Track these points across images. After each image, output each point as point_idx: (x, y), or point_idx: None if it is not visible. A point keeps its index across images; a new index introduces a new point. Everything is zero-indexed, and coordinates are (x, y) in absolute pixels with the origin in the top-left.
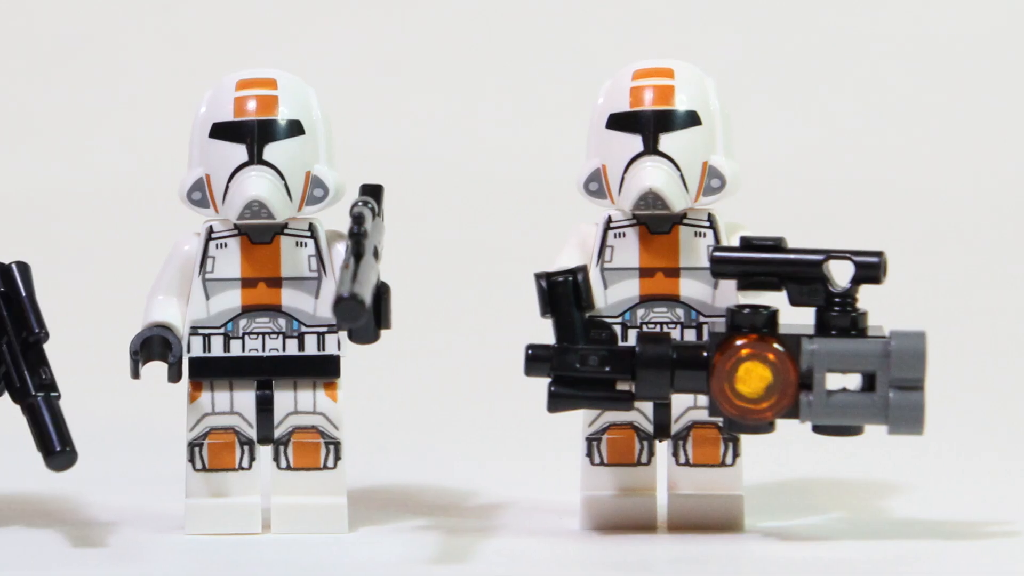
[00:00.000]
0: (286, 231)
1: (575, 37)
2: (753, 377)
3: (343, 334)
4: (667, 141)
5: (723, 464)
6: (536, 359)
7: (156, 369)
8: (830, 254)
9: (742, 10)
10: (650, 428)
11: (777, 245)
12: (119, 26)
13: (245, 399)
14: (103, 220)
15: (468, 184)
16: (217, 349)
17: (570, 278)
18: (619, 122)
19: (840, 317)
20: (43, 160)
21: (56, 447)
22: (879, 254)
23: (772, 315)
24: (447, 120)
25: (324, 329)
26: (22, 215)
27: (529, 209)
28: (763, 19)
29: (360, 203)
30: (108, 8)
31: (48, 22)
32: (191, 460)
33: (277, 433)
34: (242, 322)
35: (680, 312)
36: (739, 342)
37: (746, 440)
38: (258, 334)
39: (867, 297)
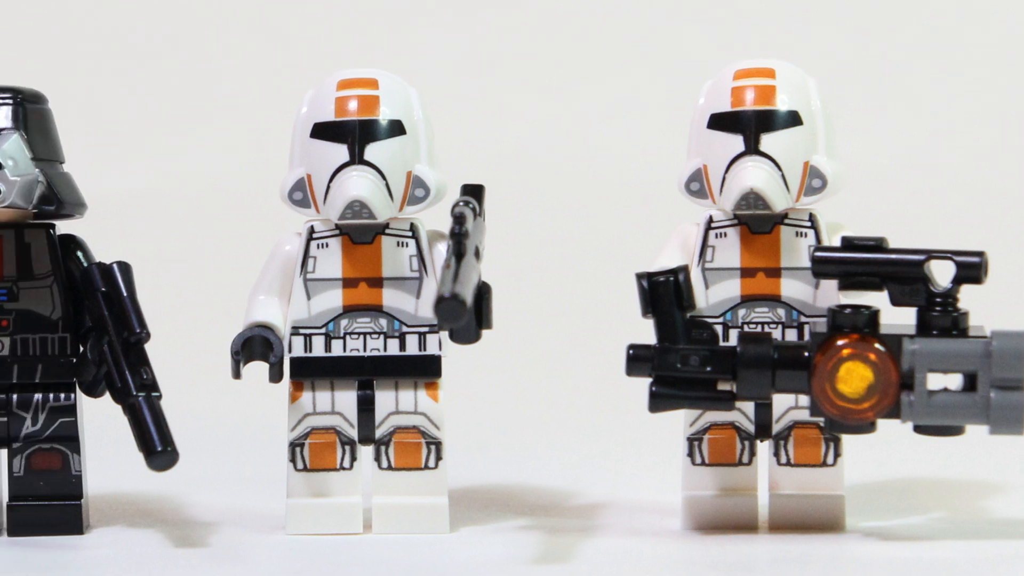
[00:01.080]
0: (387, 231)
1: (677, 37)
2: (854, 377)
3: (444, 334)
4: (768, 141)
5: (824, 464)
6: (637, 359)
7: (257, 369)
8: (931, 254)
9: (844, 9)
10: (751, 428)
11: (878, 245)
12: (220, 26)
13: (346, 399)
14: (205, 220)
15: (570, 184)
16: (318, 349)
17: (671, 278)
18: (720, 122)
19: (941, 317)
20: (145, 160)
21: (157, 447)
22: (980, 254)
23: (873, 315)
24: (549, 120)
25: (425, 329)
26: (124, 215)
27: (630, 209)
28: (865, 18)
29: (461, 203)
30: (209, 7)
31: (150, 22)
32: (292, 460)
33: (378, 433)
34: (343, 322)
35: (781, 312)
36: (840, 342)
37: (847, 440)
38: (359, 334)
39: (968, 297)
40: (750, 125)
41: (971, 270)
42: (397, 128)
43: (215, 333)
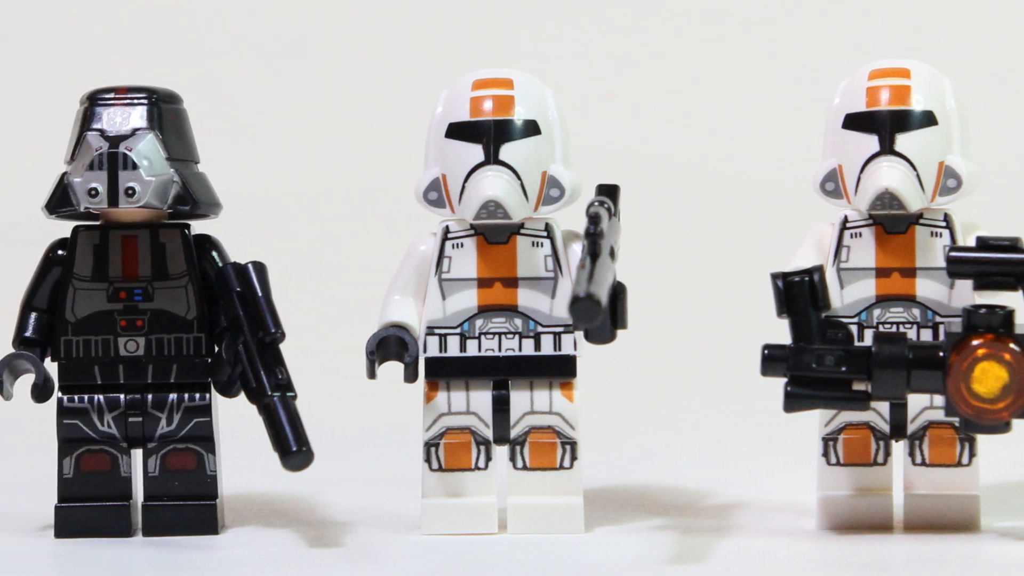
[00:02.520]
0: (522, 231)
1: (812, 36)
2: (989, 377)
3: (579, 334)
4: (903, 141)
5: (959, 464)
6: (772, 359)
7: (392, 369)
8: None
9: (976, 9)
10: (886, 428)
11: (1014, 245)
12: (356, 25)
13: (481, 399)
14: (340, 220)
15: (704, 184)
16: (453, 349)
17: (806, 278)
18: (855, 122)
19: None
20: (281, 160)
21: (292, 447)
22: None
23: (1008, 315)
24: (684, 119)
25: (560, 329)
26: (259, 215)
27: (765, 209)
28: (997, 17)
29: (596, 203)
30: (343, 7)
31: (285, 22)
32: (427, 460)
33: (513, 433)
34: (478, 322)
35: (916, 312)
36: (975, 342)
37: (982, 440)
38: (494, 334)
39: None
40: (885, 125)
41: None
42: (532, 128)
43: (350, 333)
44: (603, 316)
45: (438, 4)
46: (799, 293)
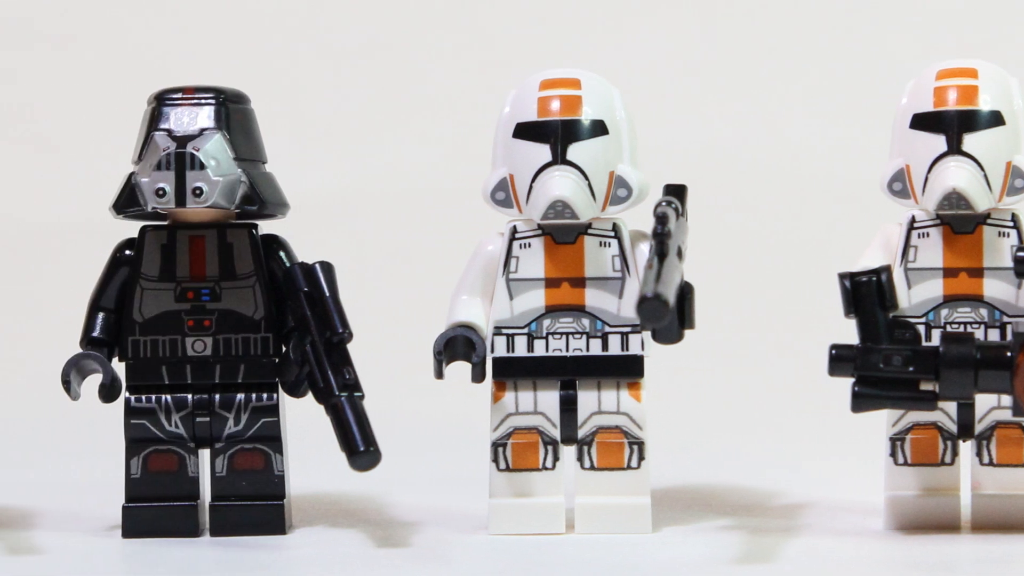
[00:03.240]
0: (590, 231)
1: (880, 35)
2: None
3: (647, 334)
4: (971, 141)
5: None
6: (840, 359)
7: (460, 369)
8: None
9: None
10: (954, 428)
11: None
12: (423, 25)
13: (549, 399)
14: (407, 220)
15: (772, 183)
16: (521, 349)
17: (874, 278)
18: (923, 122)
19: None
20: (348, 159)
21: (360, 447)
22: None
23: None
24: (751, 119)
25: (628, 329)
26: (326, 215)
27: (833, 208)
28: None
29: (664, 203)
30: (412, 7)
31: (353, 22)
32: (495, 460)
33: (581, 433)
34: (546, 322)
35: (984, 312)
36: None
37: None
38: (562, 334)
39: None
40: (952, 125)
41: None
42: (599, 128)
43: (418, 333)
44: (670, 316)
45: (507, 4)
46: (867, 293)
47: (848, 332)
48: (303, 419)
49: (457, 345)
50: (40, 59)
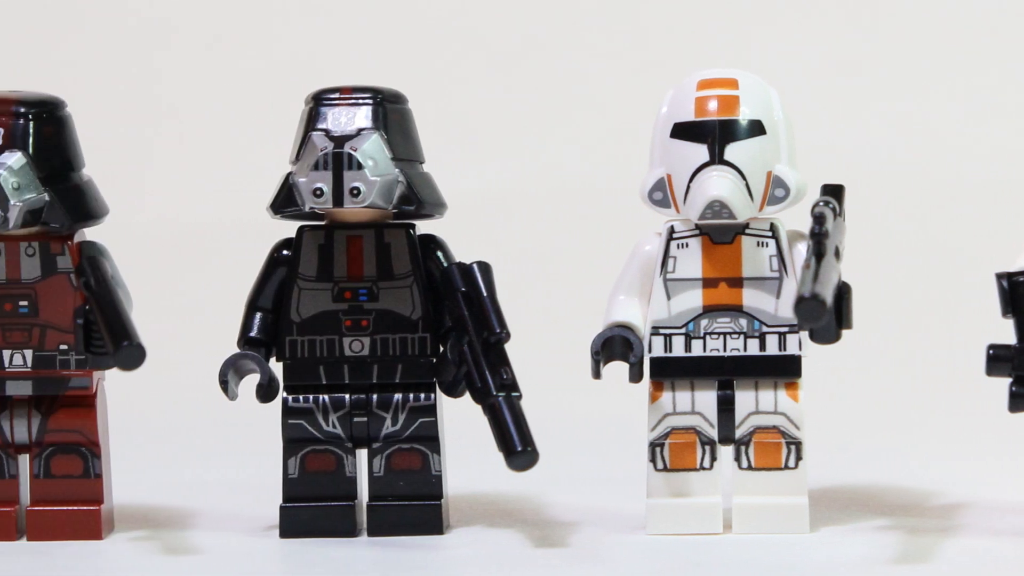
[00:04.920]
0: (747, 231)
1: None
2: None
3: (804, 334)
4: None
5: None
6: (997, 359)
7: (617, 369)
8: None
9: None
10: None
11: None
12: (581, 25)
13: (706, 399)
14: (563, 219)
15: (929, 183)
16: (678, 349)
17: None
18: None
19: None
20: (505, 159)
21: (517, 447)
22: None
23: None
24: (909, 119)
25: (785, 329)
26: (484, 215)
27: (991, 209)
28: None
29: (821, 203)
30: (570, 7)
31: (510, 22)
32: (652, 460)
33: (738, 433)
34: (703, 322)
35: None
36: None
37: None
38: (719, 334)
39: None
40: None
41: None
42: (757, 128)
43: (575, 333)
44: (828, 316)
45: (665, 4)
46: None
47: (1006, 332)
48: (461, 419)
49: (615, 345)
50: (198, 59)
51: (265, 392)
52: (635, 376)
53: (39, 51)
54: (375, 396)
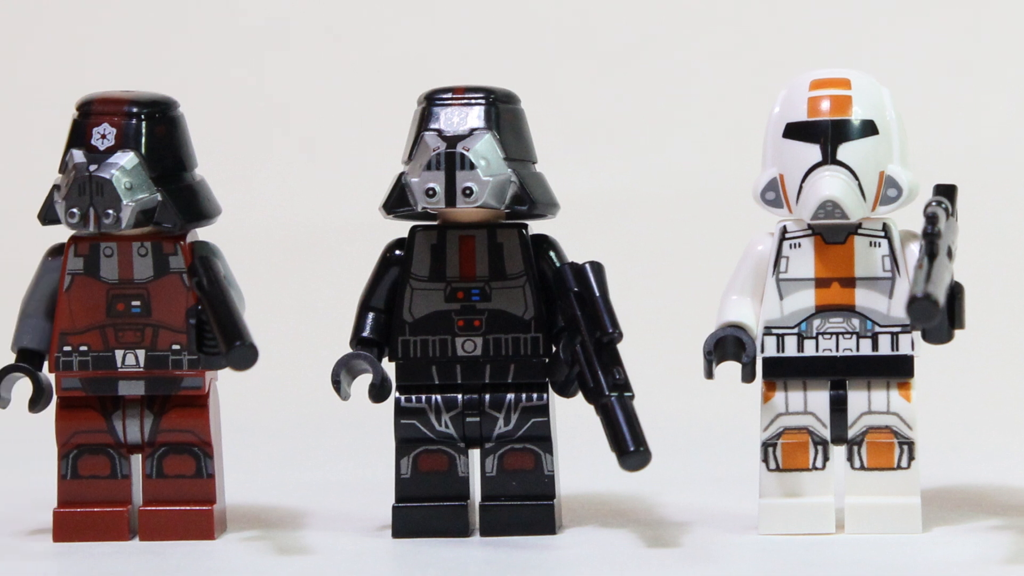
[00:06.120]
0: (860, 231)
1: None
2: None
3: (917, 334)
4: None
5: None
6: None
7: (730, 369)
8: None
9: None
10: None
11: None
12: (693, 25)
13: (819, 399)
14: (676, 219)
15: None
16: (791, 349)
17: None
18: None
19: None
20: (618, 160)
21: (630, 447)
22: None
23: None
24: (1022, 119)
25: (898, 329)
26: (595, 215)
27: None
28: None
29: (934, 203)
30: (683, 7)
31: (622, 23)
32: (765, 460)
33: (851, 433)
34: (816, 322)
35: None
36: None
37: None
38: (832, 334)
39: None
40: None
41: None
42: (870, 128)
43: (686, 333)
44: (941, 316)
45: (777, 5)
46: None
47: None
48: (573, 419)
49: (727, 345)
50: (311, 59)
51: (378, 392)
52: (748, 376)
53: (153, 51)
54: (487, 396)
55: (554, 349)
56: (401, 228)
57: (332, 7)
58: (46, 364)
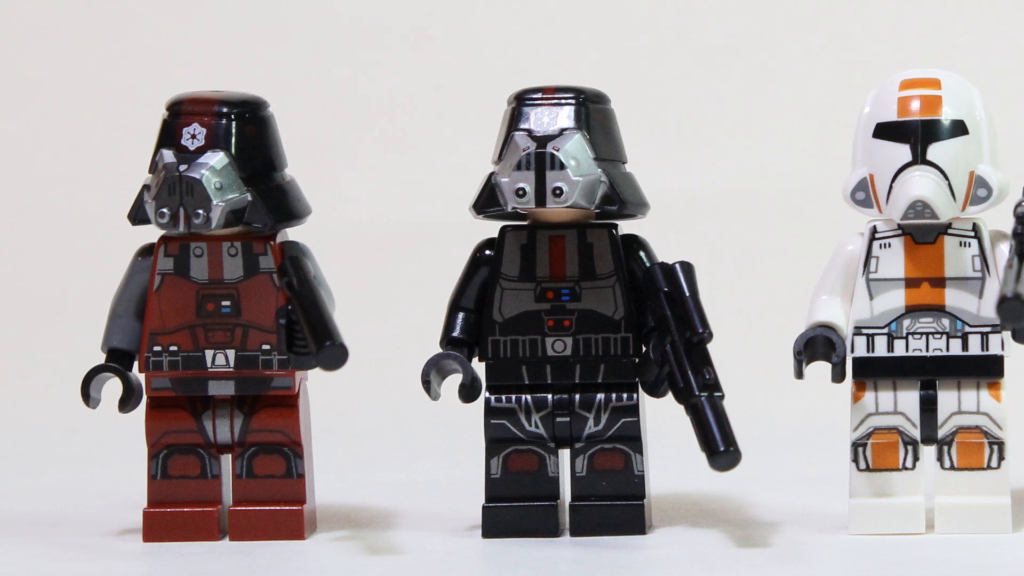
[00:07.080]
0: (950, 231)
1: None
2: None
3: (1007, 334)
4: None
5: None
6: None
7: (819, 369)
8: None
9: None
10: None
11: None
12: (783, 24)
13: (909, 399)
14: (765, 219)
15: None
16: (881, 349)
17: None
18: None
19: None
20: (708, 160)
21: (720, 447)
22: None
23: None
24: None
25: (988, 329)
26: (685, 215)
27: None
28: None
29: None
30: (773, 6)
31: (713, 22)
32: (855, 460)
33: (941, 433)
34: (906, 322)
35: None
36: None
37: None
38: (921, 334)
39: None
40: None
41: None
42: (959, 128)
43: (776, 333)
44: None
45: (868, 4)
46: None
47: None
48: (663, 419)
49: (817, 345)
50: (402, 58)
51: (468, 392)
52: (837, 376)
53: (243, 51)
54: (578, 396)
55: (644, 349)
56: (491, 228)
57: (423, 6)
58: (136, 364)
